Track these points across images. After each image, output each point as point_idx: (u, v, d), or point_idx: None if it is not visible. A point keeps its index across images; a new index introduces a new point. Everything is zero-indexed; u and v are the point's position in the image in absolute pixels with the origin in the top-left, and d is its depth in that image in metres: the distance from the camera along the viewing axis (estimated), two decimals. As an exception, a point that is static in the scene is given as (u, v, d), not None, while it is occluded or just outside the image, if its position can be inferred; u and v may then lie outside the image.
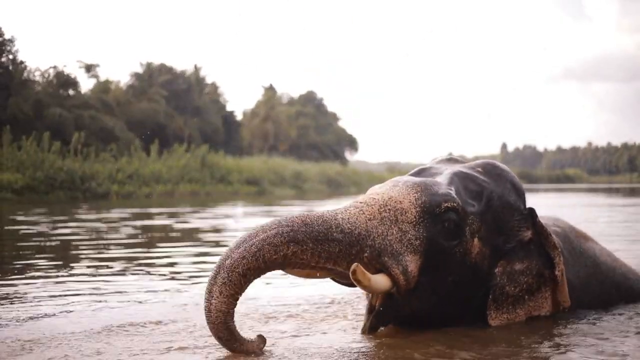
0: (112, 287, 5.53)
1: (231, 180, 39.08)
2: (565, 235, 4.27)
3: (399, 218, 3.49)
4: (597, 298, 4.27)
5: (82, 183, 27.99)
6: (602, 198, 29.32)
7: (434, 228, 3.53)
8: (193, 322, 4.04)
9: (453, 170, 3.89)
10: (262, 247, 3.17)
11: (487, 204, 3.75)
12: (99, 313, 4.40)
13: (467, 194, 3.73)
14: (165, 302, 4.81)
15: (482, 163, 4.04)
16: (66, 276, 6.10)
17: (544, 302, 3.85)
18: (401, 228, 3.47)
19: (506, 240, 3.78)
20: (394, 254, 3.42)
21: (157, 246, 9.07)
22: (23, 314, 4.34)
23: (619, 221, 13.73)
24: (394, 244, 3.44)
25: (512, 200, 3.86)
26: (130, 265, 6.92)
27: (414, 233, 3.49)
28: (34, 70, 43.02)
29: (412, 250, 3.47)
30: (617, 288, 4.44)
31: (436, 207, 3.54)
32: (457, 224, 3.58)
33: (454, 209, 3.57)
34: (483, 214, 3.71)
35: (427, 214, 3.53)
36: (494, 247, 3.73)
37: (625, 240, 9.27)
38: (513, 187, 3.93)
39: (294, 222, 3.26)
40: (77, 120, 39.71)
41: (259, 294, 4.99)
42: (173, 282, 5.83)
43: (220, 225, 13.31)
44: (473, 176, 3.85)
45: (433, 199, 3.56)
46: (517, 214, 3.85)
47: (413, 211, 3.52)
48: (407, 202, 3.54)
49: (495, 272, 3.71)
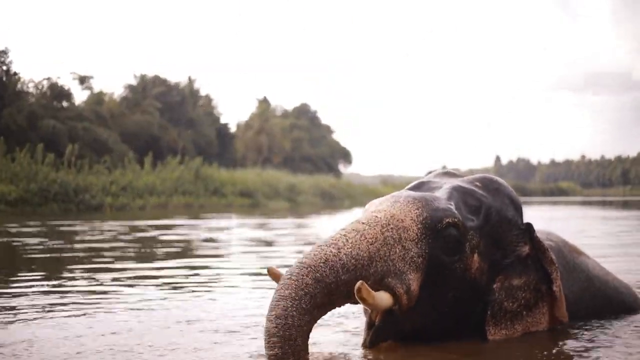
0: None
1: (225, 193, 39.03)
2: (559, 250, 4.28)
3: (402, 236, 3.49)
4: (590, 312, 4.29)
5: (76, 195, 27.91)
6: (596, 211, 29.36)
7: (435, 244, 3.53)
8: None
9: (452, 184, 3.89)
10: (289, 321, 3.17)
11: (485, 219, 3.75)
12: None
13: (466, 208, 3.73)
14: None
15: (480, 177, 4.05)
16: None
17: (541, 317, 3.87)
18: (404, 246, 3.48)
19: (504, 255, 3.78)
20: (397, 274, 3.43)
21: (151, 260, 9.05)
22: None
23: (612, 233, 13.75)
24: (397, 263, 3.44)
25: (510, 215, 3.87)
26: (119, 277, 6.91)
27: (416, 250, 3.49)
28: (27, 82, 42.97)
29: (414, 268, 3.47)
30: (610, 302, 4.45)
31: (437, 222, 3.54)
32: (457, 240, 3.59)
33: (454, 224, 3.58)
34: (482, 228, 3.72)
35: (429, 230, 3.53)
36: (492, 262, 3.73)
37: (619, 252, 9.30)
38: (511, 202, 3.94)
39: (307, 284, 3.22)
40: (71, 132, 39.62)
41: (259, 305, 4.98)
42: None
43: (214, 237, 13.29)
44: (472, 191, 3.85)
45: (434, 214, 3.57)
46: (515, 228, 3.86)
47: (415, 228, 3.52)
48: (409, 219, 3.54)
49: (494, 288, 3.71)
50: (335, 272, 3.27)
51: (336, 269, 3.28)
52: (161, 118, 52.52)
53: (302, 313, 3.17)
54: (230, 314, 4.80)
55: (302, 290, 3.19)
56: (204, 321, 4.53)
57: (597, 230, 15.08)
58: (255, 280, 6.77)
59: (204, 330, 4.23)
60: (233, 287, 6.32)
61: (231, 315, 4.78)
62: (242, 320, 4.54)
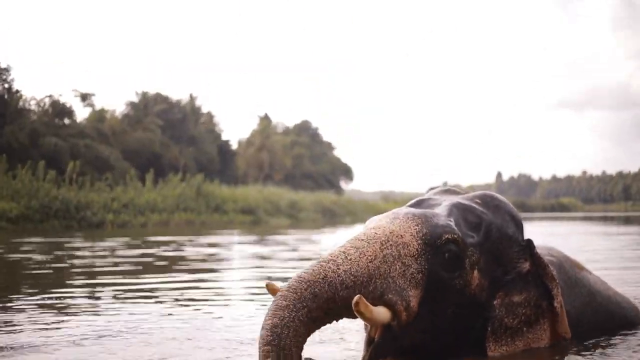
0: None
1: (226, 210, 39.03)
2: (560, 265, 4.27)
3: (401, 252, 3.48)
4: (592, 327, 4.28)
5: (77, 212, 27.93)
6: (598, 227, 29.32)
7: (434, 260, 3.52)
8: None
9: (452, 201, 3.89)
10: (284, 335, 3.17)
11: (485, 236, 3.75)
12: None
13: (466, 225, 3.73)
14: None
15: (481, 194, 4.05)
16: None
17: (542, 333, 3.84)
18: (404, 262, 3.47)
19: (504, 272, 3.77)
20: (397, 290, 3.41)
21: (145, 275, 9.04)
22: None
23: (614, 249, 13.74)
24: (397, 279, 3.43)
25: (510, 232, 3.86)
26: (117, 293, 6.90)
27: (416, 266, 3.48)
28: (29, 99, 43.12)
29: (414, 284, 3.46)
30: (612, 317, 4.44)
31: (437, 238, 3.54)
32: (457, 256, 3.57)
33: (454, 240, 3.57)
34: (482, 245, 3.71)
35: (429, 245, 3.52)
36: (493, 279, 3.72)
37: (619, 266, 9.30)
38: (512, 219, 3.93)
39: (305, 297, 3.22)
40: (73, 149, 39.71)
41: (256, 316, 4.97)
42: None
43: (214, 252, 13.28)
44: (472, 207, 3.85)
45: (434, 230, 3.56)
46: (515, 245, 3.85)
47: (415, 244, 3.51)
48: (409, 235, 3.53)
49: (494, 304, 3.70)
50: (334, 288, 3.27)
51: (334, 286, 3.27)
52: (163, 135, 52.63)
53: (299, 325, 3.17)
54: (226, 330, 4.81)
55: (300, 303, 3.20)
56: (200, 338, 4.52)
57: (599, 246, 15.06)
58: (253, 294, 6.76)
59: (200, 347, 4.22)
60: (230, 302, 6.31)
61: (227, 330, 4.78)
62: (242, 335, 4.54)
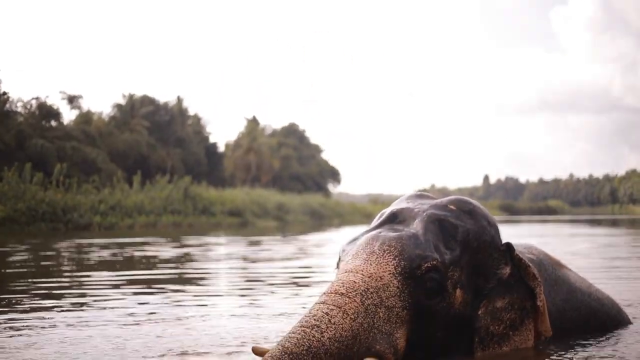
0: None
1: (214, 212, 39.01)
2: (540, 263, 4.27)
3: (382, 297, 3.41)
4: (573, 325, 4.28)
5: (64, 214, 27.86)
6: (585, 229, 29.43)
7: (416, 291, 3.47)
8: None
9: (426, 213, 3.80)
10: None
11: (464, 248, 3.69)
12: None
13: (443, 239, 3.66)
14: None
15: (454, 200, 3.97)
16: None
17: (528, 334, 3.84)
18: (387, 306, 3.41)
19: (486, 280, 3.74)
20: (384, 338, 3.36)
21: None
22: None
23: (599, 249, 13.81)
24: (383, 327, 3.37)
25: (488, 238, 3.81)
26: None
27: (400, 305, 3.43)
28: (16, 101, 42.92)
29: (400, 323, 3.42)
30: (593, 314, 4.45)
31: (416, 269, 3.48)
32: (438, 282, 3.52)
33: (434, 267, 3.51)
34: (461, 258, 3.65)
35: (409, 279, 3.47)
36: (475, 290, 3.69)
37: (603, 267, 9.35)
38: (488, 223, 3.88)
39: None
40: (60, 152, 39.57)
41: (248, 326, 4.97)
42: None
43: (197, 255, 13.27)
44: (447, 218, 3.77)
45: (412, 261, 3.50)
46: (494, 251, 3.81)
47: (395, 282, 3.45)
48: (388, 274, 3.47)
49: (479, 314, 3.68)
50: (319, 358, 3.20)
51: (319, 356, 3.19)
52: (150, 137, 52.50)
53: None
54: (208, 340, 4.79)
55: None
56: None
57: (586, 249, 15.13)
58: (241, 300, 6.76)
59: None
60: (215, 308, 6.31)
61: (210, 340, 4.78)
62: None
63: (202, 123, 63.71)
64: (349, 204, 60.08)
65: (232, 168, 66.05)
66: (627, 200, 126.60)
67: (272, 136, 73.28)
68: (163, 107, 58.34)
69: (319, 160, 76.33)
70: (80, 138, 43.82)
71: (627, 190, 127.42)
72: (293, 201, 49.16)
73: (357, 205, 61.85)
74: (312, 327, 3.25)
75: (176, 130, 57.07)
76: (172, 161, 52.17)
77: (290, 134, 75.32)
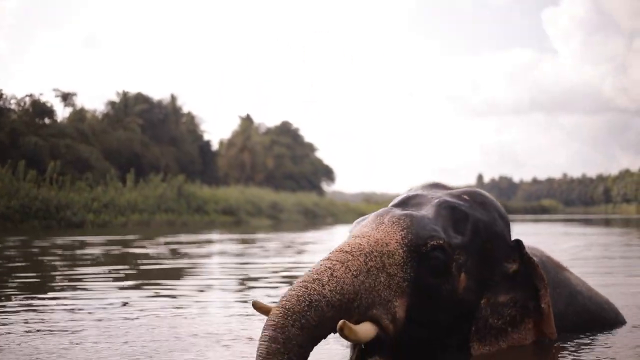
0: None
1: (208, 210, 38.99)
2: (542, 265, 4.20)
3: (386, 263, 3.41)
4: (574, 328, 4.26)
5: (58, 212, 27.80)
6: (579, 228, 29.48)
7: (420, 267, 3.46)
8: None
9: (439, 199, 3.80)
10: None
11: (473, 235, 3.67)
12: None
13: (452, 225, 3.65)
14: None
15: (468, 190, 3.98)
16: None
17: (527, 333, 3.83)
18: (389, 273, 3.40)
19: (492, 272, 3.72)
20: (383, 303, 3.35)
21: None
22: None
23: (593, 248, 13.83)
24: (382, 292, 3.36)
25: (498, 230, 3.80)
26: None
27: (401, 275, 3.42)
28: (9, 99, 42.75)
29: (400, 294, 3.40)
30: (593, 318, 4.43)
31: (422, 245, 3.47)
32: (443, 262, 3.51)
33: (440, 246, 3.50)
34: (469, 245, 3.64)
35: (414, 252, 3.46)
36: (480, 280, 3.66)
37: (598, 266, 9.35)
38: (499, 217, 3.87)
39: (294, 334, 3.09)
40: (53, 149, 39.44)
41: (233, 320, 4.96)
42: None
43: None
44: (459, 205, 3.76)
45: (419, 236, 3.50)
46: (503, 244, 3.80)
47: (400, 252, 3.45)
48: (394, 242, 3.47)
49: (481, 304, 3.66)
50: (320, 311, 3.15)
51: (321, 308, 3.16)
52: (143, 135, 52.36)
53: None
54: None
55: (291, 342, 3.08)
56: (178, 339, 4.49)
57: (578, 247, 15.15)
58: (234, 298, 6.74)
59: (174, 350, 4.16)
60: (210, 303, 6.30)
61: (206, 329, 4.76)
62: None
63: (196, 121, 63.63)
64: (342, 203, 60.17)
65: (226, 166, 66.02)
66: (621, 199, 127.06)
67: (266, 135, 73.24)
68: (157, 105, 58.20)
69: (312, 159, 76.33)
70: (73, 136, 43.67)
71: (621, 189, 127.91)
72: (287, 200, 49.19)
73: (351, 204, 62.00)
74: (314, 281, 3.23)
75: (170, 129, 56.98)
76: (165, 159, 52.06)
77: (284, 132, 75.29)
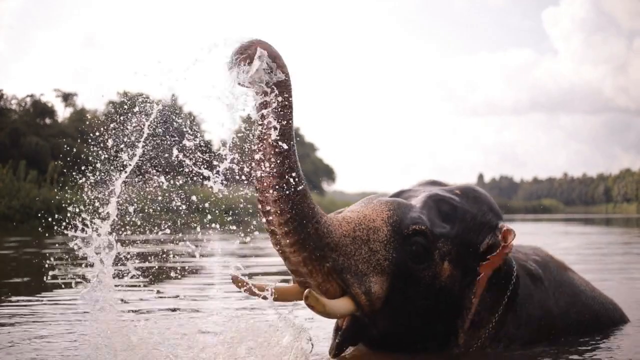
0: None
1: (209, 210, 38.97)
2: (545, 265, 4.27)
3: (370, 237, 3.50)
4: (576, 327, 4.25)
5: (59, 212, 27.80)
6: (580, 227, 29.45)
7: (402, 250, 3.52)
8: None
9: (429, 192, 3.86)
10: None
11: (459, 226, 3.71)
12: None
13: (439, 216, 3.70)
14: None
15: (462, 186, 4.04)
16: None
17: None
18: (371, 248, 3.48)
19: (475, 260, 3.70)
20: (358, 274, 3.43)
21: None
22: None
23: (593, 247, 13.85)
24: (360, 264, 3.44)
25: (485, 221, 3.82)
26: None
27: (383, 253, 3.49)
28: (10, 99, 42.85)
29: (379, 271, 3.47)
30: (597, 317, 4.42)
31: (404, 228, 3.54)
32: (424, 248, 3.56)
33: (421, 232, 3.56)
34: (455, 236, 3.67)
35: (397, 234, 3.53)
36: (466, 269, 3.67)
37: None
38: (490, 209, 3.89)
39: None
40: (54, 149, 39.50)
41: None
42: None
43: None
44: (448, 198, 3.82)
45: (403, 219, 3.57)
46: (491, 234, 3.79)
47: (385, 230, 3.53)
48: (380, 220, 3.56)
49: (466, 294, 3.66)
50: (313, 214, 3.38)
51: (315, 212, 3.40)
52: (144, 135, 52.31)
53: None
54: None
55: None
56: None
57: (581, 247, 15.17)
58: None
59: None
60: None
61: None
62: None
63: (196, 121, 63.63)
64: (343, 203, 59.82)
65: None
66: (621, 199, 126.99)
67: (267, 134, 73.11)
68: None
69: (313, 158, 76.35)
70: (74, 136, 43.72)
71: (621, 189, 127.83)
72: (288, 199, 49.08)
73: (351, 204, 61.70)
74: (319, 211, 3.47)
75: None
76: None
77: (285, 132, 75.22)
